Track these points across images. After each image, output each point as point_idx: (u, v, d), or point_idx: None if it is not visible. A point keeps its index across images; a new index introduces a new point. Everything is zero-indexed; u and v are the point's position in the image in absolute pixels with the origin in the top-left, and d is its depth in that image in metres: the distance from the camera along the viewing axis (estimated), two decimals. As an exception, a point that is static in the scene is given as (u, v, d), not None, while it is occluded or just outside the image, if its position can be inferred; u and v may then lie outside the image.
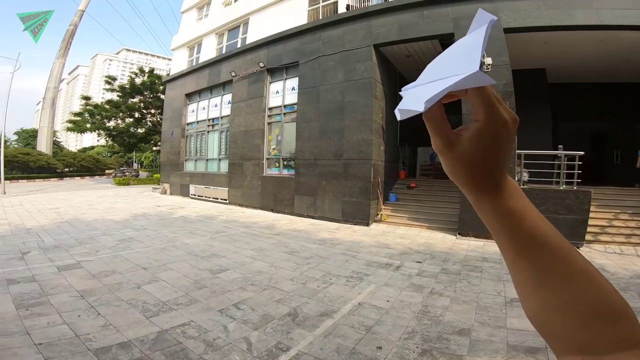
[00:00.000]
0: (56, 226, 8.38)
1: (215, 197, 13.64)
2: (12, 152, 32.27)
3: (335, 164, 9.40)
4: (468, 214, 7.53)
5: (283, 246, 6.57)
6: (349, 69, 9.50)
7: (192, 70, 15.96)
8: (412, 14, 8.80)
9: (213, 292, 4.06)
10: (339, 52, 9.75)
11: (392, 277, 4.83)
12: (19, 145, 47.82)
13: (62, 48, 41.61)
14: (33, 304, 3.50)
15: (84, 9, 42.91)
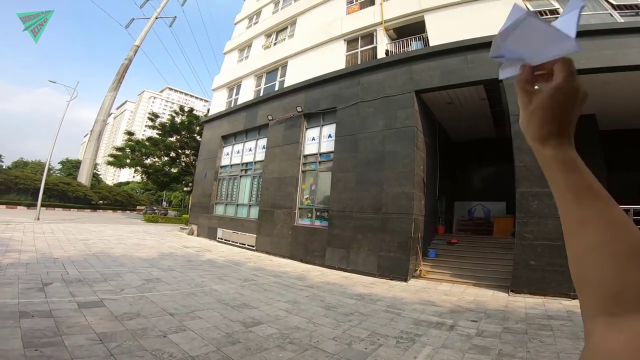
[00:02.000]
0: (83, 258, 8.23)
1: (242, 243, 13.29)
2: (54, 180, 34.10)
3: (373, 217, 8.96)
4: (523, 270, 6.91)
5: (318, 300, 6.01)
6: (389, 116, 9.35)
7: (230, 112, 16.34)
8: (456, 59, 8.73)
9: (248, 349, 3.57)
10: (379, 98, 9.69)
11: (448, 338, 4.29)
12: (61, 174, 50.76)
13: (115, 81, 44.36)
14: (44, 343, 3.15)
15: (140, 45, 46.20)
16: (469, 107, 10.71)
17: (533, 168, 7.21)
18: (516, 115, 7.61)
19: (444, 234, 11.62)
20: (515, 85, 0.44)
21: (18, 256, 7.67)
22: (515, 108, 7.59)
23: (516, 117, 7.59)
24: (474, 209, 13.38)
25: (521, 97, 0.44)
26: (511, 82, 0.48)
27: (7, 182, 30.15)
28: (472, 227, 12.26)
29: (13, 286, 5.10)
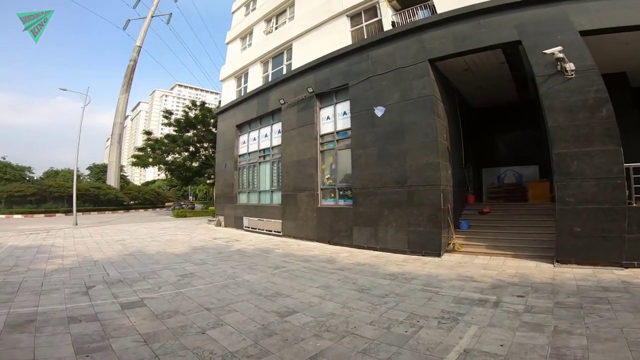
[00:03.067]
0: (121, 259, 8.54)
1: (268, 230, 13.43)
2: (85, 186, 35.58)
3: (398, 191, 8.71)
4: (568, 238, 6.50)
5: (351, 283, 5.94)
6: (404, 87, 8.95)
7: (241, 101, 16.23)
8: (467, 24, 8.19)
9: (285, 340, 3.54)
10: (391, 70, 9.28)
11: (494, 316, 4.10)
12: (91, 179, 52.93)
13: (124, 84, 45.27)
14: (94, 348, 3.23)
15: (141, 45, 46.63)
16: (488, 72, 10.09)
17: (568, 127, 6.71)
18: (542, 76, 7.17)
19: (474, 204, 11.20)
20: None
21: (61, 262, 8.04)
22: (540, 69, 7.14)
23: (543, 78, 7.16)
24: (504, 175, 12.82)
25: None
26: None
27: (42, 191, 31.74)
28: (504, 194, 11.77)
29: (59, 292, 5.34)
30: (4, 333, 3.60)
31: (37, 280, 6.08)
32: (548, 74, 7.00)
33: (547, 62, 6.93)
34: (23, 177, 40.91)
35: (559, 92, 6.88)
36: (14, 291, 5.32)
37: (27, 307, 4.50)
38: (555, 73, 6.89)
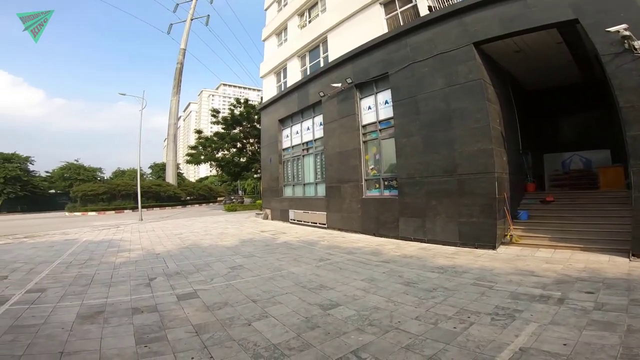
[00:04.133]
0: (179, 252, 9.11)
1: (313, 222, 13.56)
2: (148, 184, 38.68)
3: (448, 180, 8.26)
4: None
5: (396, 276, 5.77)
6: (448, 73, 8.42)
7: (282, 96, 16.47)
8: (514, 4, 7.44)
9: (327, 333, 3.52)
10: (432, 56, 8.77)
11: (557, 313, 3.75)
12: (152, 177, 57.44)
13: (174, 86, 48.08)
14: (152, 339, 3.45)
15: (185, 47, 48.96)
16: (543, 53, 9.08)
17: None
18: (608, 55, 6.30)
19: (535, 192, 10.29)
20: None
21: (128, 255, 8.79)
22: (605, 48, 6.28)
23: (609, 57, 6.28)
24: (569, 160, 11.57)
25: None
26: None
27: (111, 190, 35.14)
28: (569, 182, 10.63)
29: (126, 284, 5.80)
30: (76, 324, 3.90)
31: (107, 273, 6.66)
32: (614, 52, 6.17)
33: (611, 40, 6.13)
34: (95, 177, 45.45)
35: (629, 70, 6.04)
36: (87, 283, 5.85)
37: (97, 299, 4.91)
38: (622, 51, 6.06)
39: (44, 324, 3.88)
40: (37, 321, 3.95)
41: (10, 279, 6.22)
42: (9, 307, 4.55)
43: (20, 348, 3.19)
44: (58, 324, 3.88)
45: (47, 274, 6.68)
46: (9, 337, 3.49)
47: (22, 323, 3.90)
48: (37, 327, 3.77)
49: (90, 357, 3.01)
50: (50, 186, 43.72)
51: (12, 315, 4.19)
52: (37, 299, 4.88)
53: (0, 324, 3.84)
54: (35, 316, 4.15)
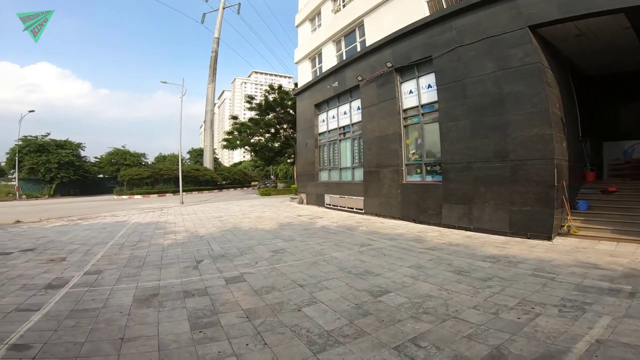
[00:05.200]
0: (221, 234, 9.35)
1: (350, 207, 13.43)
2: (187, 168, 40.23)
3: (499, 166, 7.76)
4: None
5: (445, 264, 5.55)
6: (500, 57, 7.83)
7: (318, 81, 16.31)
8: None
9: (380, 321, 3.43)
10: (481, 39, 8.17)
11: (631, 307, 3.53)
12: (191, 162, 59.74)
13: (210, 74, 49.19)
14: (206, 324, 3.46)
15: (218, 36, 49.64)
16: (608, 38, 8.09)
17: None
18: None
19: (594, 182, 9.50)
20: None
21: (174, 237, 9.12)
22: None
23: None
24: (632, 149, 10.51)
25: None
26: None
27: (155, 174, 36.96)
28: (631, 171, 9.72)
29: (175, 266, 5.96)
30: (133, 307, 3.96)
31: (157, 255, 6.90)
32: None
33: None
34: (140, 162, 47.86)
35: None
36: (140, 265, 6.04)
37: (151, 281, 5.04)
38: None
39: (103, 307, 3.96)
40: (97, 305, 4.05)
41: (69, 261, 6.50)
42: (69, 289, 4.67)
43: (82, 334, 3.23)
44: (116, 307, 3.97)
45: (102, 255, 6.96)
46: (71, 322, 3.54)
47: (83, 307, 3.99)
48: (97, 311, 3.84)
49: (149, 343, 3.03)
50: (99, 171, 46.66)
51: (72, 298, 4.30)
52: (94, 282, 5.05)
53: (62, 308, 3.93)
54: (94, 299, 4.25)
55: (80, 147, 42.91)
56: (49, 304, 4.07)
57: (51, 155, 37.91)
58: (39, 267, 5.93)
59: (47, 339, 3.12)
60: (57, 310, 3.84)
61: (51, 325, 3.44)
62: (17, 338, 3.13)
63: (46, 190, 37.21)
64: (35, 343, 3.03)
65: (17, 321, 3.53)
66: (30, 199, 32.97)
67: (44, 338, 3.13)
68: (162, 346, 2.95)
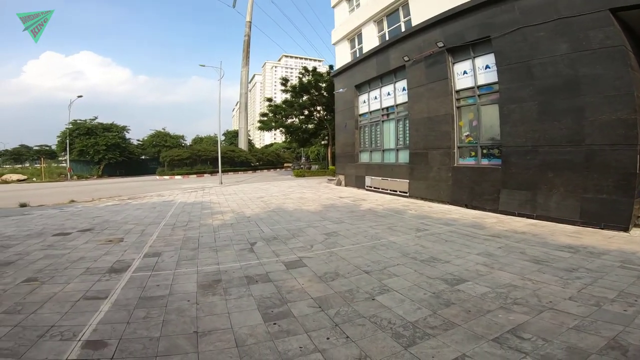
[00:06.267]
0: (267, 215, 9.38)
1: (393, 190, 13.08)
2: (223, 149, 41.10)
3: (571, 151, 7.10)
4: None
5: (517, 252, 5.20)
6: (575, 39, 7.07)
7: (358, 62, 15.81)
8: None
9: (467, 311, 3.23)
10: (552, 20, 7.42)
11: None
12: (225, 143, 61.18)
13: (243, 58, 49.92)
14: (277, 315, 3.31)
15: (250, 20, 50.05)
16: None
17: None
18: None
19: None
20: None
21: (222, 217, 9.26)
22: None
23: None
24: None
25: None
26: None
27: (194, 155, 38.21)
28: None
29: (230, 248, 5.95)
30: (199, 295, 3.84)
31: (210, 236, 6.94)
32: None
33: None
34: (179, 144, 49.70)
35: None
36: (196, 247, 6.02)
37: (210, 265, 4.97)
38: None
39: (169, 295, 3.85)
40: (163, 292, 3.94)
41: (127, 242, 6.57)
42: (132, 274, 4.61)
43: (155, 327, 3.07)
44: (182, 295, 3.85)
45: (158, 236, 7.05)
46: (142, 312, 3.41)
47: (149, 294, 3.88)
48: (164, 299, 3.73)
49: (225, 337, 2.87)
50: (142, 152, 48.95)
51: (137, 284, 4.21)
52: (155, 265, 4.99)
53: (129, 296, 3.83)
54: (159, 285, 4.15)
55: (125, 129, 44.95)
56: (116, 290, 3.99)
57: (99, 138, 40.06)
58: (99, 249, 6.00)
59: (121, 333, 2.96)
60: (125, 299, 3.75)
61: (122, 316, 3.31)
62: (91, 332, 2.97)
63: (95, 171, 39.62)
64: (110, 339, 2.87)
65: (87, 311, 3.41)
66: (80, 179, 35.17)
67: (117, 332, 2.98)
68: (239, 341, 2.79)
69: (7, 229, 8.05)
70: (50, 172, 37.05)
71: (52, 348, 2.71)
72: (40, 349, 2.70)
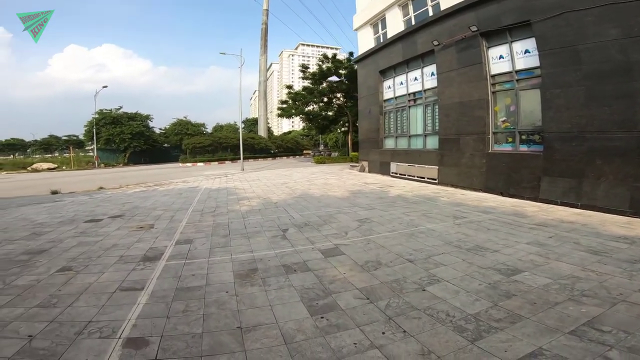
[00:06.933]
0: (294, 201, 9.28)
1: (421, 176, 12.74)
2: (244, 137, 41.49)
3: (622, 137, 6.61)
4: None
5: (570, 242, 4.87)
6: (627, 25, 6.53)
7: (382, 47, 15.34)
8: None
9: (532, 303, 3.02)
10: (603, 5, 6.86)
11: None
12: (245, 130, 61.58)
13: (261, 46, 49.78)
14: (323, 307, 3.13)
15: (267, 8, 49.64)
16: None
17: None
18: None
19: None
20: None
21: (249, 203, 9.23)
22: None
23: None
24: None
25: None
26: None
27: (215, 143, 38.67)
28: None
29: (261, 235, 5.84)
30: (237, 285, 3.70)
31: (239, 222, 6.86)
32: None
33: None
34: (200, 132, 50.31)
35: None
36: (227, 234, 5.93)
37: (243, 253, 4.86)
38: None
39: (206, 285, 3.72)
40: (199, 282, 3.82)
41: (157, 228, 6.55)
42: (166, 262, 4.53)
43: (196, 322, 2.92)
44: (220, 285, 3.72)
45: (187, 222, 7.01)
46: (180, 305, 3.26)
47: (186, 285, 3.76)
48: (202, 290, 3.60)
49: (271, 333, 2.69)
50: (165, 140, 49.91)
51: (173, 274, 4.09)
52: (188, 253, 4.90)
53: (165, 287, 3.70)
54: (195, 275, 4.03)
55: (149, 118, 45.91)
56: (151, 281, 3.87)
57: (124, 127, 41.04)
58: (130, 236, 5.99)
59: (161, 329, 2.81)
60: (162, 289, 3.62)
61: (160, 309, 3.17)
62: (130, 329, 2.82)
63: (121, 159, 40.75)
64: (151, 335, 2.71)
65: (125, 304, 3.29)
66: (107, 167, 36.32)
67: (158, 328, 2.82)
68: (287, 338, 2.61)
69: (40, 215, 8.20)
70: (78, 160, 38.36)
71: (92, 347, 2.55)
72: (79, 349, 2.53)
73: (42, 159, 42.59)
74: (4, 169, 31.64)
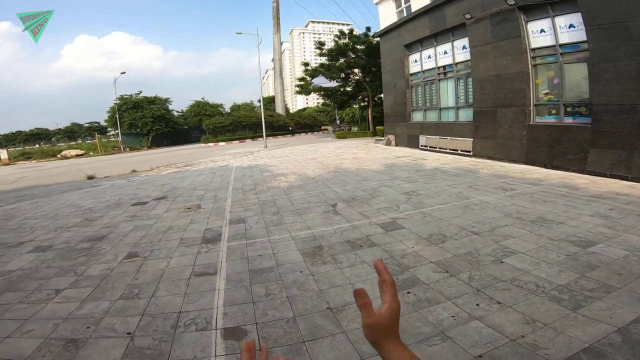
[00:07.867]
0: (331, 176, 9.27)
1: (453, 149, 12.62)
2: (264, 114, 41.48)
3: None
4: None
5: (634, 215, 4.75)
6: None
7: (407, 20, 14.83)
8: None
9: (619, 274, 3.05)
10: None
11: None
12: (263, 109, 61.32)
13: (274, 25, 48.66)
14: (406, 283, 3.14)
15: None
16: None
17: None
18: None
19: None
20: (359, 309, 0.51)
21: (286, 179, 9.26)
22: None
23: None
24: None
25: (364, 316, 0.52)
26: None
27: (235, 122, 38.77)
28: None
29: (312, 211, 5.85)
30: (309, 264, 3.68)
31: (284, 199, 6.91)
32: None
33: None
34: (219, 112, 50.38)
35: None
36: (277, 212, 5.93)
37: (301, 230, 4.85)
38: None
39: (277, 266, 3.69)
40: (269, 263, 3.79)
41: (205, 208, 6.54)
42: (228, 243, 4.52)
43: (284, 306, 2.87)
44: (291, 265, 3.70)
45: (232, 201, 7.06)
46: (260, 289, 3.20)
47: (257, 266, 3.72)
48: (275, 271, 3.57)
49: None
50: (184, 122, 50.25)
51: (239, 255, 4.08)
52: (246, 233, 4.88)
53: (238, 269, 3.67)
54: (262, 256, 4.01)
55: (168, 101, 46.02)
56: (221, 264, 3.85)
57: (146, 111, 41.35)
58: (181, 217, 6.03)
59: (253, 316, 2.75)
60: (235, 273, 3.59)
61: (243, 295, 3.11)
62: (223, 318, 2.75)
63: (144, 142, 41.34)
64: (245, 324, 2.64)
65: (205, 290, 3.24)
66: (132, 151, 36.90)
67: (249, 315, 2.76)
68: None
69: (85, 201, 8.37)
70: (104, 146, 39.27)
71: (194, 342, 2.47)
72: (183, 345, 2.44)
73: (69, 146, 43.77)
74: (34, 158, 32.72)
